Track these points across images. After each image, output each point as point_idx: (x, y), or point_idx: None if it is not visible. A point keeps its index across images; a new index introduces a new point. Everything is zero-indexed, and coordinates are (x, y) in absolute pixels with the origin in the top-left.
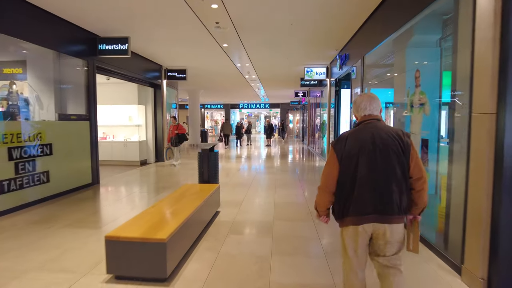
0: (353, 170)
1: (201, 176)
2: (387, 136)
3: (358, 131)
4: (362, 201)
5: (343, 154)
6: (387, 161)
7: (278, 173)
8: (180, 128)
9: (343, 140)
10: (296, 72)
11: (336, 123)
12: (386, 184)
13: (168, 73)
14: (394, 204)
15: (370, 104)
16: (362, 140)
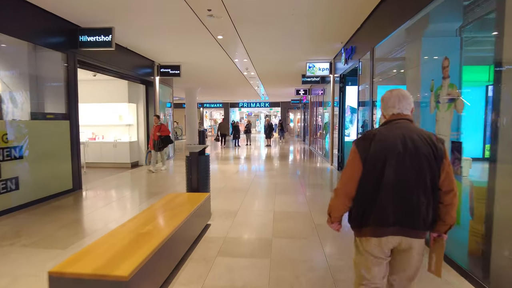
0: (378, 174)
1: (189, 184)
2: (419, 139)
3: (387, 131)
4: (385, 210)
5: (367, 155)
6: (418, 167)
7: (278, 177)
8: (163, 130)
9: (368, 139)
10: (297, 68)
11: (340, 122)
12: (415, 193)
13: (161, 69)
14: (420, 217)
15: (400, 101)
16: (391, 140)
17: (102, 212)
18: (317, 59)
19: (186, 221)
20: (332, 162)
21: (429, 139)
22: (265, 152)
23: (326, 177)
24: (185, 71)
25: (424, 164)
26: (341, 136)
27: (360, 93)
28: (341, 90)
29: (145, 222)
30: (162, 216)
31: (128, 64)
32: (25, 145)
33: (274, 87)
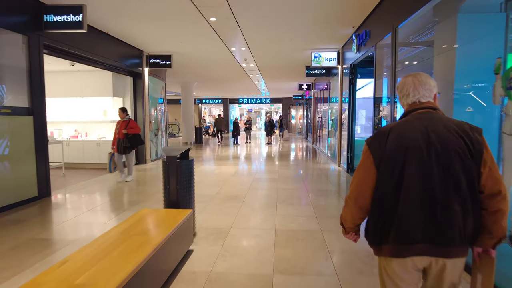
0: (396, 179)
1: (166, 197)
2: (447, 132)
3: (405, 124)
4: (408, 223)
5: (382, 156)
6: (448, 167)
7: (280, 180)
8: (131, 126)
9: (382, 136)
10: (301, 59)
11: (350, 120)
12: (445, 200)
13: (150, 60)
14: (454, 230)
15: (415, 88)
16: (410, 136)
17: (62, 230)
18: (323, 48)
19: (156, 254)
20: (339, 162)
21: (461, 130)
22: (266, 150)
23: (335, 181)
24: (178, 62)
25: (455, 162)
26: (351, 135)
27: (377, 87)
28: (351, 82)
29: (102, 255)
30: (122, 246)
31: (112, 53)
32: None
33: (275, 81)
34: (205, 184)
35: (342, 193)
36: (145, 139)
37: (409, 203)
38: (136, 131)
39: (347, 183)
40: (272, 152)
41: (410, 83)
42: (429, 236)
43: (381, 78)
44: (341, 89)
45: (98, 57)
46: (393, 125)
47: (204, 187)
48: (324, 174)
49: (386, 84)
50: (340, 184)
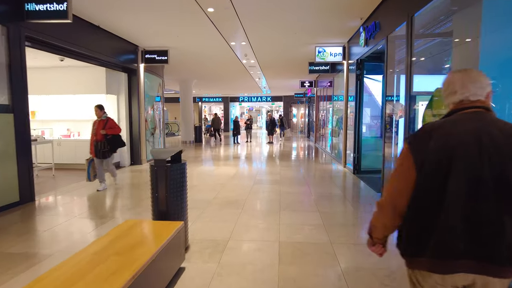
0: (440, 183)
1: (155, 206)
2: (500, 135)
3: (452, 123)
4: (452, 234)
5: (425, 157)
6: (501, 177)
7: (282, 183)
8: (110, 126)
9: (425, 136)
10: (304, 54)
11: (357, 118)
12: (495, 212)
13: (145, 55)
14: (503, 246)
15: (464, 85)
16: (458, 137)
17: (39, 241)
18: (328, 42)
19: (139, 277)
20: (345, 163)
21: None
22: (267, 150)
23: (341, 184)
24: (176, 59)
25: (509, 168)
26: (357, 134)
27: (388, 84)
28: (357, 78)
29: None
30: (98, 269)
31: (105, 47)
32: None
33: (277, 78)
34: (202, 187)
35: (350, 197)
36: (140, 139)
37: (453, 212)
38: (116, 132)
39: (354, 186)
40: (273, 151)
41: (457, 80)
42: (474, 251)
43: (392, 73)
44: (346, 86)
45: (90, 52)
46: (438, 123)
47: (200, 191)
48: (329, 176)
49: (395, 79)
50: (346, 187)
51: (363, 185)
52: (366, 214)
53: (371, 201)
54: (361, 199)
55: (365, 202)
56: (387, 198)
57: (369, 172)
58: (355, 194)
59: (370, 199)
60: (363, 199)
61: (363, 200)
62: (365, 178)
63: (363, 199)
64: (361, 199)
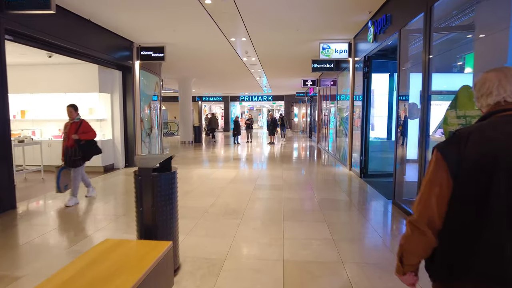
0: (481, 193)
1: (139, 222)
2: None
3: (491, 127)
4: (498, 253)
5: (461, 165)
6: None
7: (285, 188)
8: (84, 130)
9: (461, 141)
10: (307, 51)
11: (364, 118)
12: None
13: (141, 52)
14: None
15: (501, 84)
16: (500, 142)
17: (10, 259)
18: (333, 38)
19: None
20: (350, 166)
21: None
22: (268, 151)
23: (347, 189)
24: (174, 56)
25: None
26: (365, 136)
27: (402, 82)
28: (365, 76)
29: None
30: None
31: (97, 43)
32: None
33: (278, 77)
34: (199, 192)
35: (359, 204)
36: (135, 140)
37: (499, 226)
38: (90, 136)
39: (362, 191)
40: (275, 152)
41: (493, 79)
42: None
43: (405, 71)
44: (352, 85)
45: (80, 48)
46: (474, 127)
47: (197, 197)
48: (334, 180)
49: (409, 77)
50: (354, 192)
51: (372, 190)
52: (378, 225)
53: (382, 209)
54: (372, 207)
55: (376, 211)
56: (422, 215)
57: (377, 175)
58: (364, 201)
59: (380, 207)
60: (374, 207)
61: (374, 208)
62: (373, 183)
63: (373, 207)
64: (372, 207)
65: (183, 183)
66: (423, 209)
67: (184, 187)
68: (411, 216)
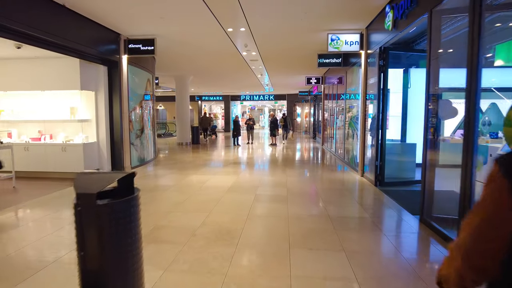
0: None
1: (81, 274)
2: None
3: None
4: None
5: None
6: None
7: (290, 200)
8: None
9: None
10: (312, 44)
11: (380, 120)
12: None
13: (129, 45)
14: None
15: None
16: None
17: None
18: (342, 29)
19: None
20: (362, 171)
21: None
22: (270, 154)
23: (364, 201)
24: (166, 50)
25: None
26: (380, 139)
27: (431, 73)
28: (381, 70)
29: None
30: None
31: (79, 34)
32: None
33: (280, 74)
34: (189, 206)
35: (381, 223)
36: (123, 143)
37: None
38: None
39: (380, 203)
40: (277, 155)
41: None
42: None
43: (436, 62)
44: (364, 81)
45: (56, 38)
46: None
47: (185, 212)
48: (346, 190)
49: (437, 71)
50: (370, 205)
51: (391, 203)
52: (410, 255)
53: (410, 230)
54: (396, 226)
55: (404, 233)
56: (473, 241)
57: (394, 184)
58: (386, 218)
59: (407, 226)
60: (399, 226)
61: (400, 229)
62: (391, 193)
63: (398, 226)
64: (396, 226)
65: (173, 192)
66: (476, 234)
67: (174, 197)
68: (455, 240)
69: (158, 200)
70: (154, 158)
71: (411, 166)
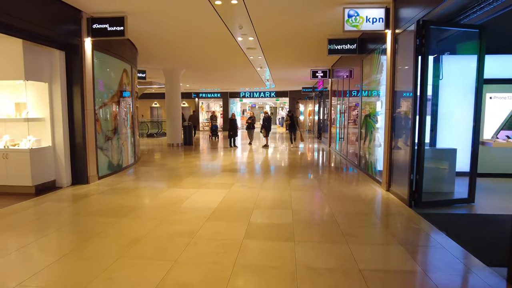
0: None
1: None
2: None
3: None
4: None
5: None
6: None
7: (298, 233)
8: None
9: None
10: (321, 24)
11: (418, 120)
12: None
13: (93, 25)
14: None
15: None
16: None
17: None
18: (362, 2)
19: None
20: (388, 185)
21: None
22: (270, 157)
23: (403, 237)
24: (149, 35)
25: None
26: (418, 144)
27: None
28: (419, 52)
29: None
30: None
31: (24, 9)
32: None
33: (283, 66)
34: (147, 247)
35: (443, 284)
36: (87, 146)
37: None
38: None
39: (424, 238)
40: (279, 159)
41: None
42: None
43: None
44: (391, 69)
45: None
46: None
47: (136, 263)
48: (372, 213)
49: None
50: (415, 244)
51: (444, 239)
52: None
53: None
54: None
55: None
56: None
57: (434, 204)
58: (450, 275)
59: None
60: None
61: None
62: (437, 220)
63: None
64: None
65: (136, 219)
66: None
67: (133, 228)
68: None
69: (109, 234)
70: (134, 163)
71: (450, 177)
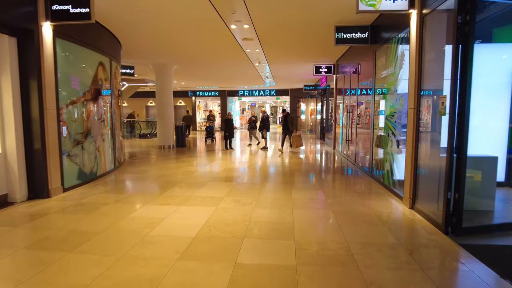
0: None
1: None
2: None
3: None
4: None
5: None
6: None
7: (304, 279)
8: None
9: None
10: (327, 10)
11: (457, 121)
12: None
13: (52, 6)
14: None
15: None
16: None
17: None
18: None
19: None
20: (412, 201)
21: None
22: (269, 162)
23: (441, 279)
24: (129, 23)
25: None
26: (457, 152)
27: None
28: (461, 33)
29: None
30: None
31: None
32: None
33: (283, 61)
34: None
35: None
36: (47, 153)
37: None
38: None
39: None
40: (279, 165)
41: None
42: None
43: None
44: (417, 58)
45: None
46: None
47: None
48: (398, 246)
49: None
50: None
51: None
52: None
53: None
54: None
55: None
56: None
57: (478, 232)
58: None
59: None
60: None
61: None
62: (491, 258)
63: None
64: None
65: (84, 254)
66: None
67: (77, 271)
68: None
69: (38, 284)
70: (114, 169)
71: (489, 191)
